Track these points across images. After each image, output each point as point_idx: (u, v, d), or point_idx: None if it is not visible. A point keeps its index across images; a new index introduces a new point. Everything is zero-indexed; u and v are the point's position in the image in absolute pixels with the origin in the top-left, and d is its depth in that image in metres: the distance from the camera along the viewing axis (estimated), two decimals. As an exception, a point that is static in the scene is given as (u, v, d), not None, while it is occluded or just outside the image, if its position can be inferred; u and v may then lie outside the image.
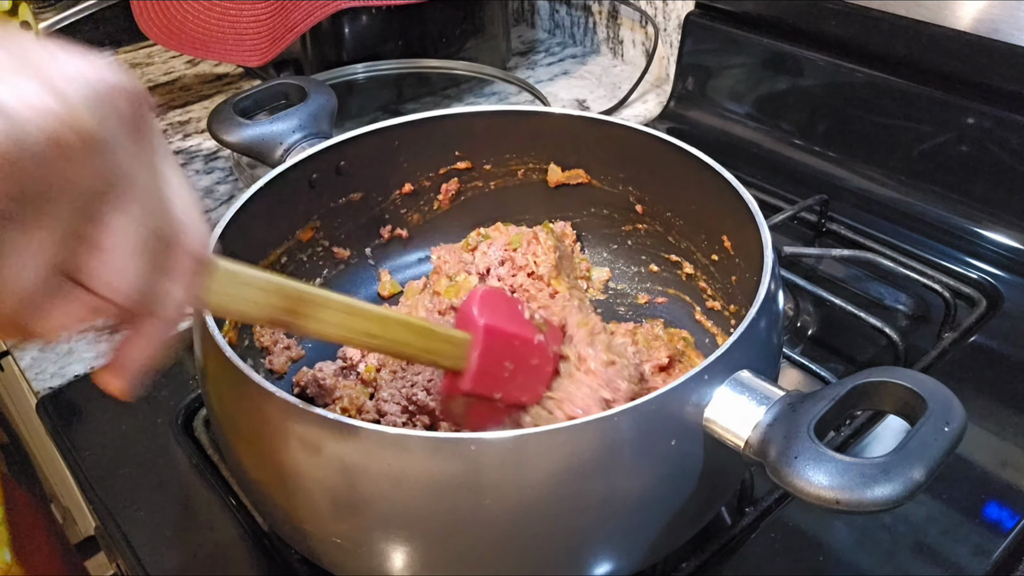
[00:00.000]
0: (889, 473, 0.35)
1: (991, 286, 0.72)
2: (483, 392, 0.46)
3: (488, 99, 1.07)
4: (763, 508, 0.55)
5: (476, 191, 0.71)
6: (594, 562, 0.45)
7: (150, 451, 0.61)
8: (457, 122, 0.67)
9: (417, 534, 0.42)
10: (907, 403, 0.39)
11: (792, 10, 0.86)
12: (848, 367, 0.67)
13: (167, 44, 0.98)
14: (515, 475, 0.39)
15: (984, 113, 0.75)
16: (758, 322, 0.45)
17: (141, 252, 0.28)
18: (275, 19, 0.91)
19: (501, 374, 0.46)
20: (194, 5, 0.96)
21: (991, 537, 0.52)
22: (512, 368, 0.46)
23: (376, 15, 0.97)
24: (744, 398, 0.41)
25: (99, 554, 1.60)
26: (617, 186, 0.68)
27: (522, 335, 0.47)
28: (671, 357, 0.60)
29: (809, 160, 0.88)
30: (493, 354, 0.45)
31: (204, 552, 0.55)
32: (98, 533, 0.71)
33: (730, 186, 0.56)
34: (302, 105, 0.67)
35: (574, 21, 1.20)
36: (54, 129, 0.24)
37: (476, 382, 0.45)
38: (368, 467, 0.40)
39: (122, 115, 0.27)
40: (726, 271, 0.62)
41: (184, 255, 0.30)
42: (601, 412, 0.54)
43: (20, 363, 0.71)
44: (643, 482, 0.42)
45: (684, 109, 0.99)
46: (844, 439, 0.59)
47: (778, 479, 0.38)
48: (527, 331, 0.47)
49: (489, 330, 0.45)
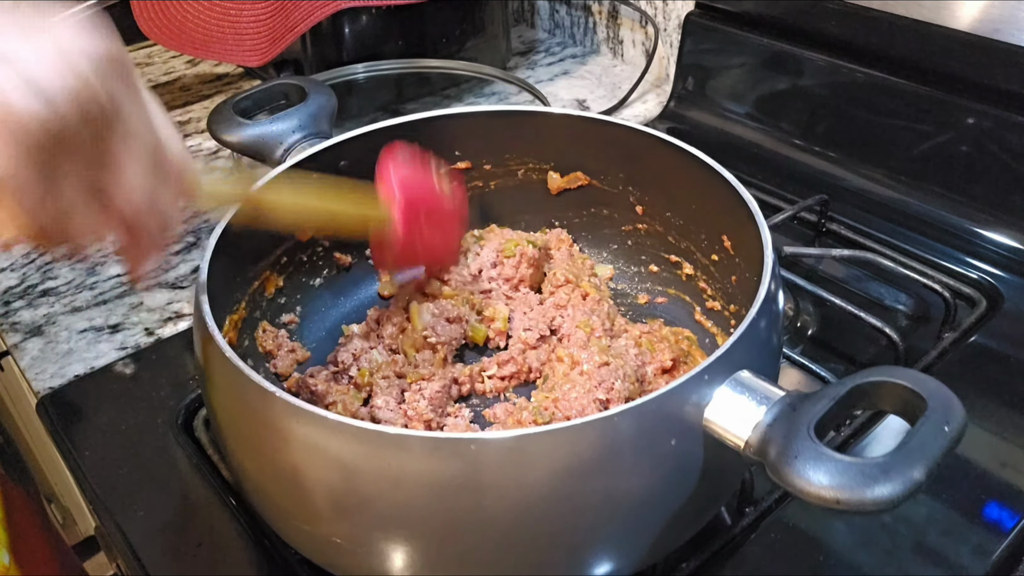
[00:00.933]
0: (889, 473, 0.35)
1: (991, 286, 0.72)
2: (406, 248, 0.57)
3: (488, 99, 1.07)
4: (763, 508, 0.55)
5: (475, 191, 0.71)
6: (594, 562, 0.45)
7: (150, 451, 0.61)
8: (457, 122, 0.67)
9: (417, 534, 0.42)
10: (907, 403, 0.39)
11: (792, 10, 0.86)
12: (848, 367, 0.67)
13: (167, 44, 0.98)
14: (515, 475, 0.39)
15: (984, 113, 0.75)
16: (758, 322, 0.45)
17: (144, 169, 0.37)
18: (275, 19, 0.91)
19: (418, 233, 0.57)
20: (194, 5, 0.96)
21: (991, 537, 0.52)
22: (427, 228, 0.58)
23: (376, 15, 0.97)
24: (744, 398, 0.41)
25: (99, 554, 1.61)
26: (617, 186, 0.68)
27: (432, 199, 0.58)
28: (675, 359, 0.60)
29: (809, 160, 0.88)
30: (410, 218, 0.56)
31: (204, 552, 0.55)
32: (98, 533, 0.71)
33: (730, 186, 0.56)
34: (302, 105, 0.67)
35: (574, 21, 1.20)
36: (80, 104, 0.33)
37: (399, 240, 0.56)
38: (368, 467, 0.40)
39: (118, 73, 0.35)
40: (726, 271, 0.62)
41: (173, 170, 0.40)
42: (597, 413, 0.55)
43: (20, 363, 0.71)
44: (643, 482, 0.42)
45: (684, 109, 0.99)
46: (844, 439, 0.59)
47: (778, 479, 0.38)
48: (437, 195, 0.59)
49: (405, 192, 0.56)
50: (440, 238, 0.60)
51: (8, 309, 0.76)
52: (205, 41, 0.95)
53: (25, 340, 0.73)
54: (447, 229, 0.61)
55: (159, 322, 0.74)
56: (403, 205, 0.56)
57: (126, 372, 0.69)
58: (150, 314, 0.75)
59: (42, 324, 0.74)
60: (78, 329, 0.74)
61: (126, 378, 0.68)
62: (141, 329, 0.73)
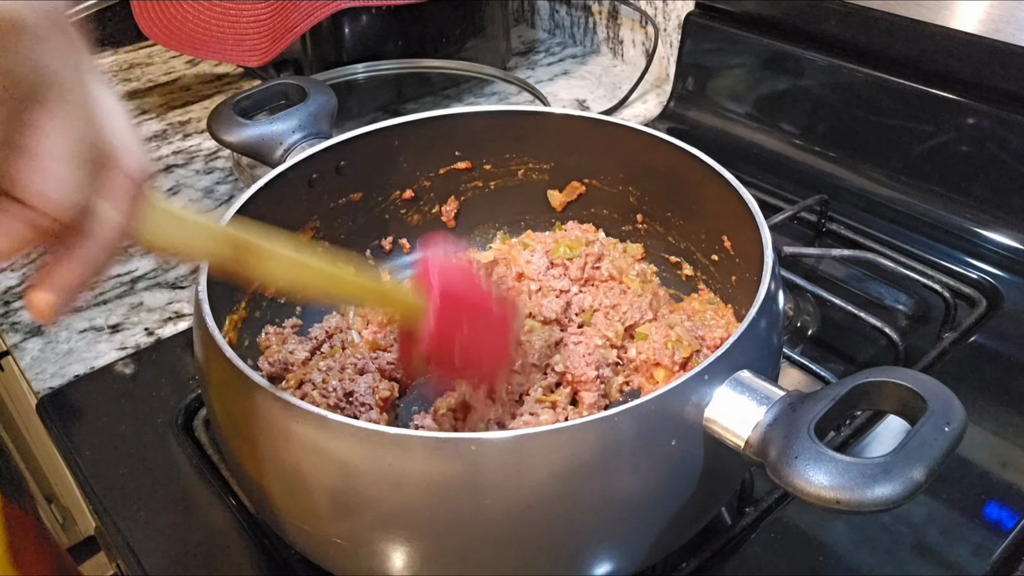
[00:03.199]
0: (889, 473, 0.35)
1: (991, 286, 0.72)
2: (439, 352, 0.47)
3: (488, 99, 1.07)
4: (763, 508, 0.55)
5: (476, 192, 0.71)
6: (594, 562, 0.45)
7: (150, 451, 0.61)
8: (457, 122, 0.67)
9: (417, 534, 0.42)
10: (907, 403, 0.39)
11: (792, 10, 0.86)
12: (848, 367, 0.67)
13: (167, 44, 0.98)
14: (515, 475, 0.39)
15: (984, 113, 0.75)
16: (758, 322, 0.45)
17: (74, 160, 0.28)
18: (275, 19, 0.91)
19: (456, 335, 0.47)
20: (194, 5, 0.96)
21: (991, 537, 0.52)
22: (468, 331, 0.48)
23: (376, 15, 0.97)
24: (744, 398, 0.41)
25: (99, 554, 1.61)
26: (617, 186, 0.68)
27: (476, 300, 0.49)
28: None
29: (809, 160, 0.88)
30: (447, 315, 0.46)
31: (204, 552, 0.55)
32: (98, 533, 0.71)
33: (730, 186, 0.56)
34: (302, 105, 0.67)
35: (574, 21, 1.20)
36: None
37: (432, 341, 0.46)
38: (368, 467, 0.40)
39: (49, 11, 0.26)
40: (726, 271, 0.62)
41: (120, 176, 0.30)
42: (605, 370, 0.58)
43: (20, 363, 0.71)
44: (643, 482, 0.42)
45: (684, 109, 0.99)
46: (844, 439, 0.59)
47: (778, 479, 0.38)
48: (482, 297, 0.49)
49: (445, 293, 0.46)
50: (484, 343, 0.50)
51: (8, 309, 0.76)
52: (205, 41, 0.95)
53: (25, 340, 0.73)
54: (493, 334, 0.51)
55: (159, 322, 0.74)
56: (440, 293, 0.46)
57: (126, 372, 0.69)
58: (150, 314, 0.75)
59: (42, 324, 0.74)
60: (78, 329, 0.74)
61: (126, 378, 0.68)
62: (141, 329, 0.73)
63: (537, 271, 0.66)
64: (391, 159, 0.67)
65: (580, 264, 0.66)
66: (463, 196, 0.71)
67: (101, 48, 1.25)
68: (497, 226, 0.74)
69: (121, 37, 1.25)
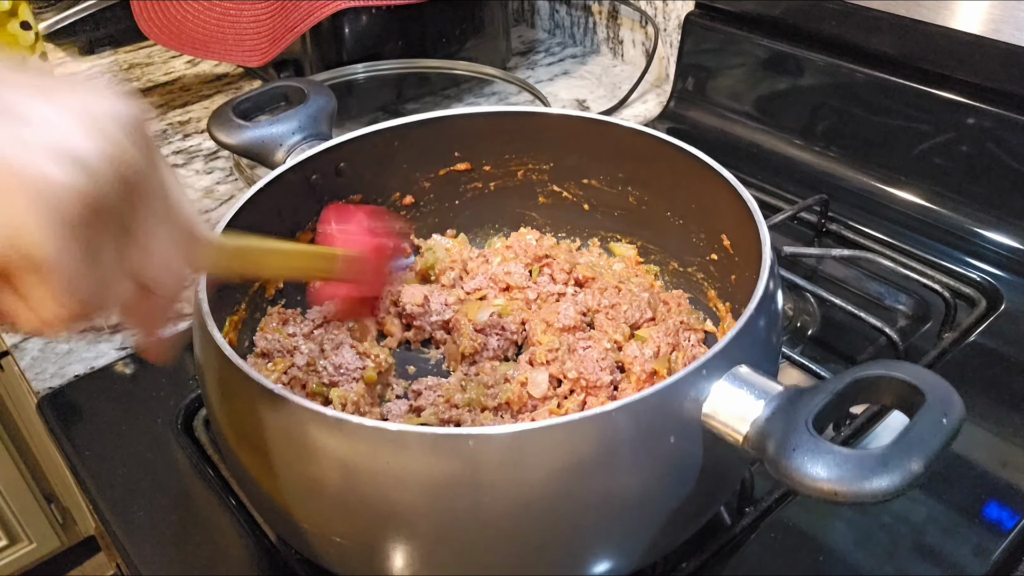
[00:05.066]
0: (887, 464, 0.35)
1: (991, 286, 0.72)
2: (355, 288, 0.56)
3: (488, 99, 1.07)
4: (763, 508, 0.55)
5: (476, 192, 0.71)
6: (593, 560, 0.45)
7: (150, 451, 0.61)
8: (457, 122, 0.67)
9: (417, 532, 0.42)
10: (905, 396, 0.39)
11: (792, 10, 0.86)
12: (848, 367, 0.66)
13: (167, 44, 0.98)
14: (514, 472, 0.39)
15: (984, 113, 0.75)
16: (756, 318, 0.45)
17: (169, 233, 0.34)
18: (275, 19, 0.92)
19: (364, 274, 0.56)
20: (194, 5, 0.97)
21: (991, 537, 0.52)
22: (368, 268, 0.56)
23: (376, 15, 0.97)
24: (743, 392, 0.41)
25: (99, 554, 1.61)
26: (617, 186, 0.68)
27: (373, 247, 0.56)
28: None
29: (809, 160, 0.88)
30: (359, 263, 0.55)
31: (204, 552, 0.55)
32: (98, 533, 0.71)
33: (730, 186, 0.56)
34: (302, 107, 0.67)
35: (574, 21, 1.21)
36: (116, 170, 0.30)
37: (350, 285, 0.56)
38: (368, 465, 0.40)
39: (143, 140, 0.32)
40: (725, 270, 0.62)
41: (184, 228, 0.36)
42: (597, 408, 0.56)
43: (20, 363, 0.71)
44: (642, 479, 0.42)
45: (684, 109, 0.99)
46: (844, 438, 0.59)
47: (776, 472, 0.37)
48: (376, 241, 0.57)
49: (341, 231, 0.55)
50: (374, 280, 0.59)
51: (8, 309, 0.76)
52: (205, 41, 0.95)
53: (25, 340, 0.73)
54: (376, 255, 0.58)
55: (159, 322, 0.74)
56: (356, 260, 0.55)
57: (126, 372, 0.69)
58: (150, 314, 0.75)
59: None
60: (78, 329, 0.73)
61: (126, 378, 0.68)
62: (141, 329, 0.73)
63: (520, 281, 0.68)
64: (391, 160, 0.67)
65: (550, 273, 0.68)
66: (463, 196, 0.71)
67: (101, 48, 1.25)
68: (497, 227, 0.74)
69: (121, 37, 1.25)
